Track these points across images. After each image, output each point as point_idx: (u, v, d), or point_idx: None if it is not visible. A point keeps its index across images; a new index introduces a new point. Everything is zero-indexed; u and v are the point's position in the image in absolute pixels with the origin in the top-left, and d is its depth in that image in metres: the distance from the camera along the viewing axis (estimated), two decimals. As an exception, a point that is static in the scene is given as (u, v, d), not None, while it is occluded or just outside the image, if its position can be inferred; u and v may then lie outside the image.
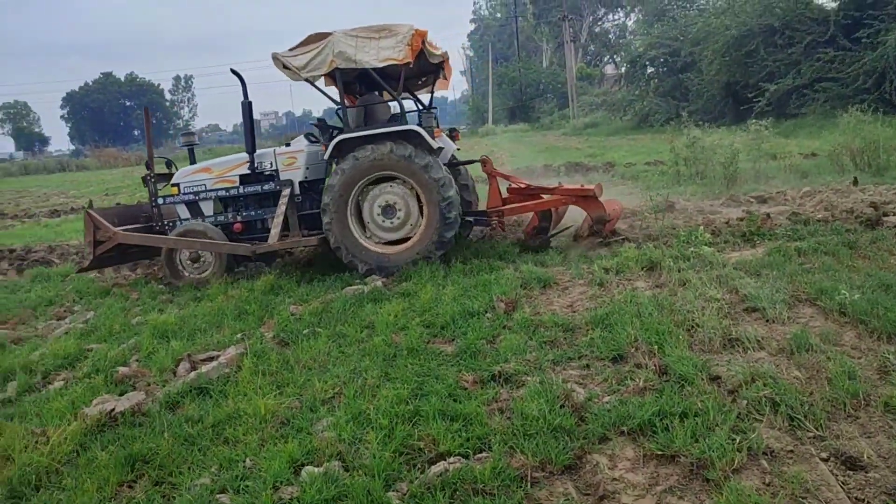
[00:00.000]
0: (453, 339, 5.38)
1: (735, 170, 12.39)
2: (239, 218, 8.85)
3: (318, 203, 8.43)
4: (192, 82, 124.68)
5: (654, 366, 4.35)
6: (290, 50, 8.17)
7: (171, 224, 9.07)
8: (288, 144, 9.10)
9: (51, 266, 10.48)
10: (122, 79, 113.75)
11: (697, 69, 31.19)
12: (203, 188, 9.01)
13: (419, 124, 8.19)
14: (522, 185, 9.04)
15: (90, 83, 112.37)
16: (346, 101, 8.44)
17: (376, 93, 9.37)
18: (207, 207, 9.06)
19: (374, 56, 7.84)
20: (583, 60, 67.61)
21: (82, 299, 8.19)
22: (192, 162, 9.60)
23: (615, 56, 65.93)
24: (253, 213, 8.85)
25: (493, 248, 8.51)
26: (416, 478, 3.38)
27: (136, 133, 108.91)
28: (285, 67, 8.15)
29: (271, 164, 8.81)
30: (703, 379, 4.10)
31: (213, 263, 8.62)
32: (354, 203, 8.16)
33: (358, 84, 9.43)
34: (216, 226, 8.83)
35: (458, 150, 9.71)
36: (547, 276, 6.91)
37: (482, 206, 9.37)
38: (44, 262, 10.93)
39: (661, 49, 34.76)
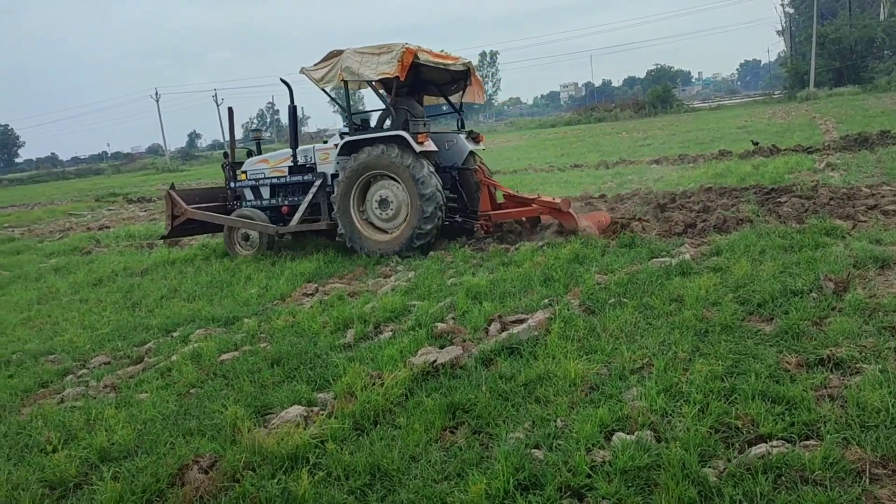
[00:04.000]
0: (772, 318, 5.01)
1: None
2: (286, 202, 10.51)
3: None
4: (496, 58, 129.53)
5: None
6: (314, 64, 9.66)
7: (239, 204, 11.01)
8: (325, 142, 10.68)
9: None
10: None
11: None
12: (262, 175, 10.79)
13: (407, 129, 9.37)
14: (512, 194, 10.02)
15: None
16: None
17: (413, 99, 10.60)
18: (265, 192, 10.82)
19: (373, 70, 9.21)
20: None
21: (403, 260, 8.99)
22: (259, 153, 11.39)
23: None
24: (296, 198, 10.40)
25: (819, 225, 7.73)
26: (734, 457, 3.23)
27: (443, 108, 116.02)
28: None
29: (310, 158, 10.43)
30: None
31: (257, 242, 10.48)
32: (357, 197, 9.60)
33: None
34: (269, 208, 10.63)
35: (483, 149, 10.66)
36: (886, 255, 6.12)
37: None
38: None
39: None
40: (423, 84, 10.73)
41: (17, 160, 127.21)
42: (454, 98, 11.08)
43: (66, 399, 5.10)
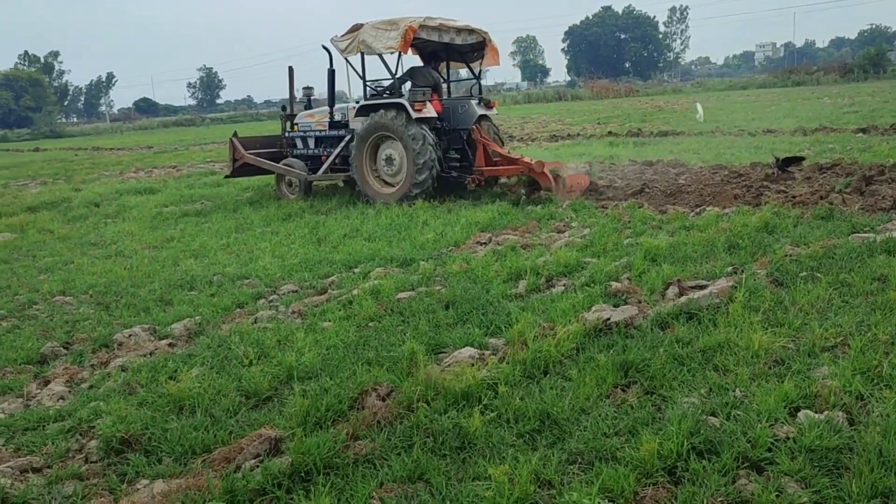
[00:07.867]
0: None
1: None
2: (325, 153, 11.95)
3: None
4: (687, 13, 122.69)
5: None
6: (341, 35, 11.06)
7: (292, 152, 12.57)
8: (357, 103, 11.68)
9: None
10: (620, 12, 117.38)
11: None
12: (309, 128, 12.44)
13: (406, 97, 10.68)
14: (504, 154, 10.98)
15: (590, 17, 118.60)
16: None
17: (428, 66, 11.88)
18: (311, 143, 12.39)
19: (383, 44, 10.42)
20: None
21: (578, 216, 8.87)
22: (309, 108, 13.01)
23: None
24: (333, 150, 11.73)
25: None
26: (941, 451, 2.95)
27: (626, 65, 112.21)
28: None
29: (344, 115, 11.84)
30: None
31: (298, 188, 12.00)
32: (368, 155, 10.97)
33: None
34: (312, 157, 12.19)
35: (496, 113, 11.92)
36: None
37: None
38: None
39: None
40: (449, 52, 11.99)
41: (218, 101, 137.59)
42: (475, 66, 12.32)
43: (260, 320, 5.54)
